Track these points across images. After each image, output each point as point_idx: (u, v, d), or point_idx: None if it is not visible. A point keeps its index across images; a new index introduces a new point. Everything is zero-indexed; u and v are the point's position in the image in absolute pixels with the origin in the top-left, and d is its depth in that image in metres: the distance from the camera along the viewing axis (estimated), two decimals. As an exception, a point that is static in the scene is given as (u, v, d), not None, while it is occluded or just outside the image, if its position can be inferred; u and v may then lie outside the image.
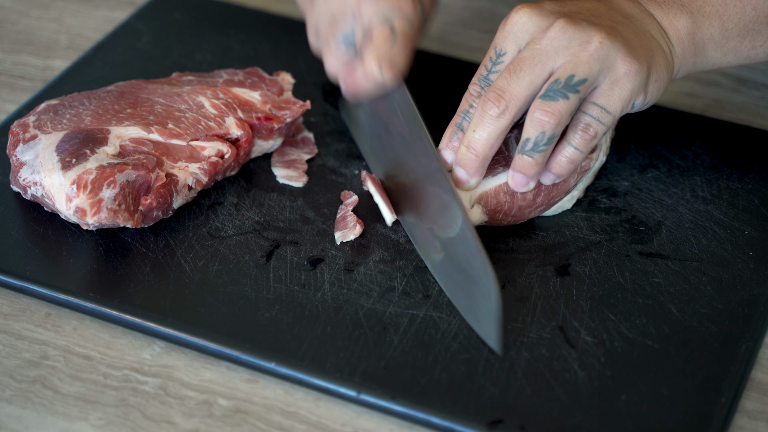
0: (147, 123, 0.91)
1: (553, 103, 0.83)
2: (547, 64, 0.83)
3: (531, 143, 0.84)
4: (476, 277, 0.81)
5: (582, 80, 0.83)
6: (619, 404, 0.77)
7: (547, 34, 0.84)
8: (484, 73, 0.87)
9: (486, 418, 0.77)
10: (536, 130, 0.84)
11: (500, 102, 0.84)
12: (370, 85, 0.92)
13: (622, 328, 0.82)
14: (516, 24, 0.85)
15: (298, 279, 0.85)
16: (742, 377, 0.79)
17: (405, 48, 0.91)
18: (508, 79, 0.84)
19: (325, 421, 0.78)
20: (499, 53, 0.86)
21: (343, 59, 0.93)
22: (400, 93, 0.92)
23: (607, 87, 0.84)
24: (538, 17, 0.85)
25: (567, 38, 0.83)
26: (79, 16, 1.15)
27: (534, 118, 0.83)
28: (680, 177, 0.94)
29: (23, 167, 0.88)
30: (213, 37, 1.09)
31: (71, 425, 0.78)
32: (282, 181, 0.94)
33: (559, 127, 0.83)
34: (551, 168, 0.87)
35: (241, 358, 0.81)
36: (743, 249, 0.88)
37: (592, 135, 0.85)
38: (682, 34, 0.87)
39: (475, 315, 0.81)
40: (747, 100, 1.05)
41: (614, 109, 0.84)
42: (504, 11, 1.16)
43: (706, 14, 0.88)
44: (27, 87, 1.06)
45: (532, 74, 0.83)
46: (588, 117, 0.85)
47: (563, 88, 0.83)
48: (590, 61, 0.83)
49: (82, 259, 0.87)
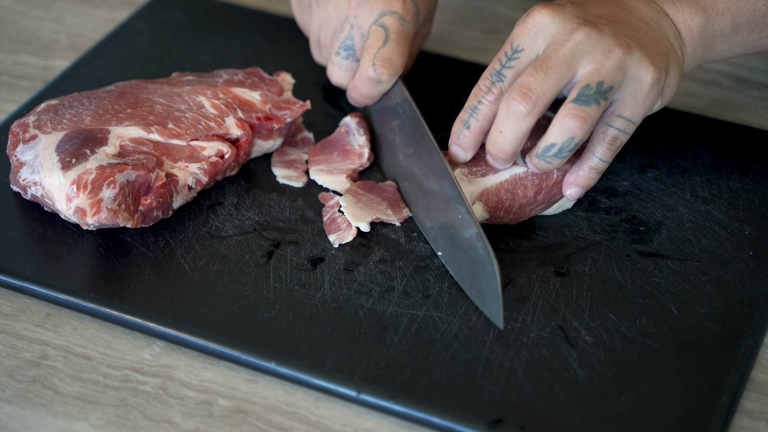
0: (147, 123, 0.91)
1: (587, 108, 0.82)
2: (572, 67, 0.83)
3: (556, 148, 0.84)
4: (481, 262, 0.82)
5: (610, 87, 0.82)
6: (619, 404, 0.77)
7: (573, 37, 0.83)
8: (497, 68, 0.85)
9: (486, 418, 0.77)
10: (565, 135, 0.83)
11: (528, 100, 0.82)
12: (368, 87, 0.92)
13: (622, 327, 0.82)
14: (538, 23, 0.84)
15: (298, 279, 0.85)
16: (742, 377, 0.79)
17: (399, 45, 0.91)
18: (535, 77, 0.83)
19: (325, 421, 0.78)
20: (516, 49, 0.85)
21: (346, 70, 0.93)
22: (399, 92, 0.92)
23: (631, 98, 0.84)
24: (561, 19, 0.84)
25: (592, 44, 0.83)
26: (79, 16, 1.15)
27: (564, 122, 0.82)
28: (680, 177, 0.94)
29: (23, 167, 0.88)
30: (213, 37, 1.09)
31: (71, 425, 0.78)
32: (282, 181, 0.94)
33: (587, 134, 0.83)
34: (579, 181, 0.86)
35: (241, 358, 0.81)
36: (743, 249, 0.88)
37: (618, 146, 0.86)
38: (695, 33, 0.87)
39: (481, 297, 0.82)
40: (747, 100, 1.05)
41: (638, 119, 0.85)
42: (504, 11, 1.16)
43: (719, 11, 0.88)
44: (27, 87, 1.06)
45: (559, 73, 0.83)
46: (614, 129, 0.84)
47: (595, 93, 0.82)
48: (615, 69, 0.82)
49: (82, 259, 0.87)
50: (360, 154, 0.95)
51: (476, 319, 0.83)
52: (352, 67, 0.94)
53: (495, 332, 0.82)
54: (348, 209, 0.89)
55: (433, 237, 0.87)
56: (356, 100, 0.95)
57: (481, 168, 0.89)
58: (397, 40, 0.91)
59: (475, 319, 0.83)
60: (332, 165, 0.94)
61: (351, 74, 0.94)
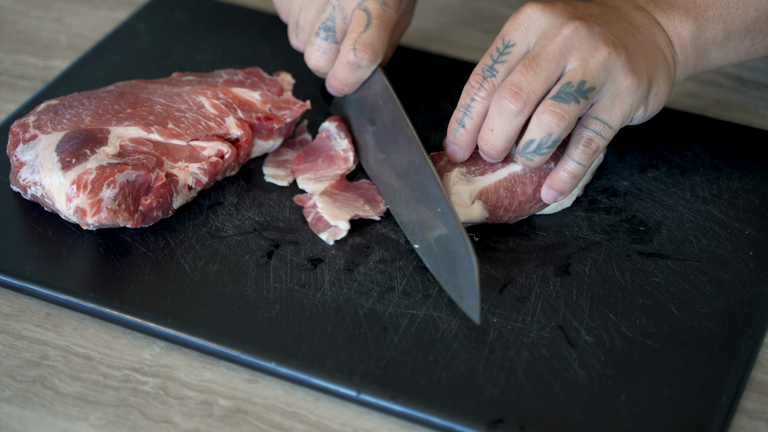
0: (147, 123, 0.91)
1: (565, 105, 0.82)
2: (561, 63, 0.83)
3: (535, 144, 0.84)
4: (459, 256, 0.82)
5: (591, 88, 0.83)
6: (619, 404, 0.77)
7: (562, 32, 0.83)
8: (489, 63, 0.85)
9: (486, 418, 0.77)
10: (543, 132, 0.83)
11: (518, 99, 0.83)
12: (347, 72, 0.92)
13: (622, 327, 0.82)
14: (529, 18, 0.85)
15: (298, 279, 0.85)
16: (742, 377, 0.79)
17: (380, 31, 0.91)
18: (525, 75, 0.83)
19: (325, 421, 0.78)
20: (507, 44, 0.85)
21: (324, 51, 0.93)
22: (379, 81, 0.92)
23: (609, 101, 0.84)
24: (552, 15, 0.84)
25: (580, 40, 0.83)
26: (79, 16, 1.15)
27: (542, 119, 0.83)
28: (680, 177, 0.94)
29: (23, 167, 0.88)
30: (213, 37, 1.09)
31: (71, 425, 0.78)
32: (268, 180, 0.94)
33: (565, 131, 0.83)
34: (554, 184, 0.87)
35: (241, 358, 0.81)
36: (743, 249, 0.88)
37: (594, 149, 0.85)
38: (686, 41, 0.87)
39: (458, 291, 0.82)
40: (747, 100, 1.05)
41: (615, 123, 0.85)
42: (504, 11, 1.16)
43: (710, 18, 0.88)
44: (27, 87, 1.06)
45: (548, 70, 0.83)
46: (590, 131, 0.85)
47: (576, 92, 0.82)
48: (598, 69, 0.83)
49: (82, 259, 0.87)
50: (345, 158, 0.95)
51: (476, 319, 0.83)
52: (331, 49, 0.93)
53: (495, 332, 0.82)
54: (326, 210, 0.89)
55: (410, 230, 0.87)
56: (335, 88, 0.94)
57: (479, 167, 0.89)
58: (378, 26, 0.91)
59: (475, 319, 0.83)
60: (319, 172, 0.94)
61: (329, 57, 0.93)
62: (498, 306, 0.83)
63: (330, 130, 0.96)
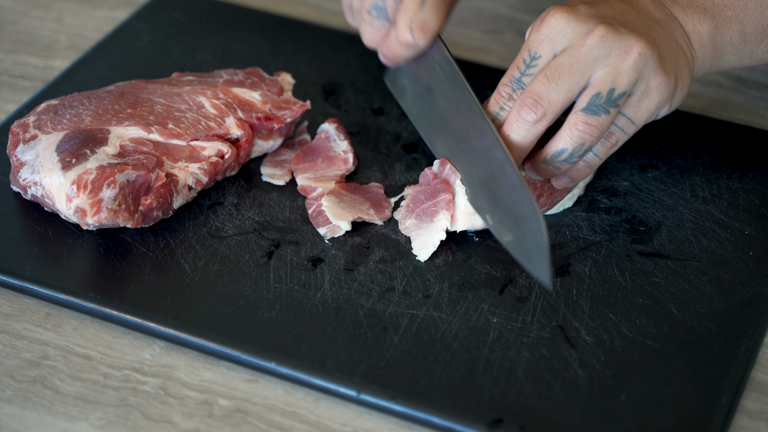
0: (147, 123, 0.91)
1: (596, 118, 0.83)
2: (586, 73, 0.83)
3: (567, 154, 0.84)
4: (526, 218, 0.82)
5: (622, 94, 0.82)
6: (619, 404, 0.77)
7: (587, 41, 0.82)
8: (516, 75, 0.85)
9: (486, 418, 0.77)
10: (576, 142, 0.83)
11: (538, 108, 0.83)
12: (404, 51, 0.90)
13: (622, 327, 0.82)
14: (554, 28, 0.84)
15: (298, 279, 0.85)
16: (742, 377, 0.79)
17: (436, 8, 0.89)
18: (546, 85, 0.83)
19: (325, 421, 0.78)
20: (534, 56, 0.84)
21: (377, 28, 0.91)
22: (438, 51, 0.90)
23: (637, 98, 0.84)
24: (576, 22, 0.83)
25: (607, 47, 0.82)
26: (79, 16, 1.15)
27: (575, 130, 0.83)
28: (680, 177, 0.94)
29: (23, 167, 0.88)
30: (213, 37, 1.09)
31: (71, 425, 0.78)
32: (265, 179, 0.94)
33: (597, 140, 0.84)
34: (569, 172, 0.86)
35: (241, 358, 0.81)
36: (743, 249, 0.88)
37: (614, 143, 0.85)
38: (704, 38, 0.87)
39: (526, 255, 0.82)
40: (747, 100, 1.05)
41: (640, 120, 0.84)
42: (504, 11, 1.16)
43: (727, 18, 0.88)
44: (27, 87, 1.06)
45: (571, 82, 0.82)
46: (613, 126, 0.84)
47: (605, 103, 0.82)
48: (629, 72, 0.82)
49: (82, 259, 0.87)
50: (345, 159, 0.95)
51: (476, 319, 0.83)
52: (383, 26, 0.91)
53: (495, 332, 0.82)
54: (330, 209, 0.89)
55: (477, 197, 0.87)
56: (390, 60, 0.92)
57: None
58: (433, 3, 0.89)
59: (475, 319, 0.83)
60: (319, 172, 0.94)
61: (382, 33, 0.91)
62: (498, 306, 0.83)
63: (329, 132, 0.96)
